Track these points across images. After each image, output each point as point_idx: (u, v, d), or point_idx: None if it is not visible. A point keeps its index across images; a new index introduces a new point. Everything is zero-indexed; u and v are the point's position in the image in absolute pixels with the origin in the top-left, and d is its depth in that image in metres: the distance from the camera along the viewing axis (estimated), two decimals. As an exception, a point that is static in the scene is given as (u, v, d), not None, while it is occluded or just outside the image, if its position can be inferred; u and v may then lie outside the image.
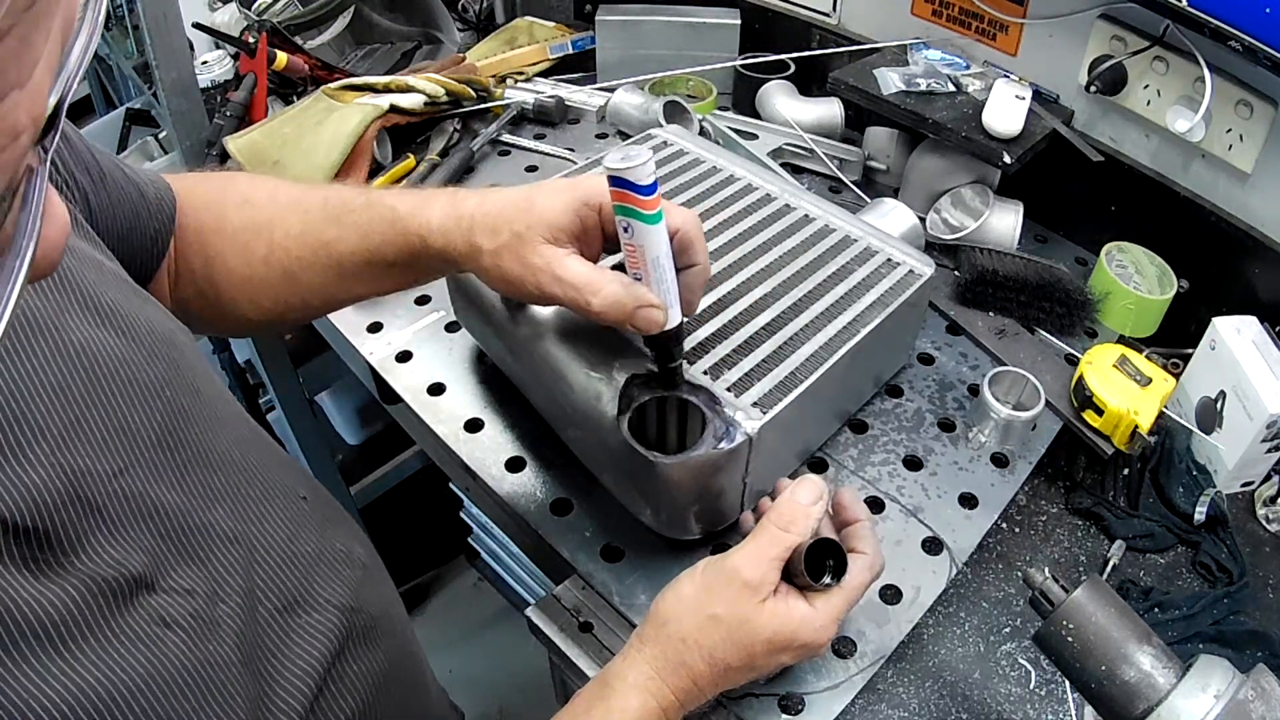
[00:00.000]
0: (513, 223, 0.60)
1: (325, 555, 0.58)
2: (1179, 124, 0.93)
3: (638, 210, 0.59)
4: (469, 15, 1.64)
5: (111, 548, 0.42)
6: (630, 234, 0.61)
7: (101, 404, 0.45)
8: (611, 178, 0.58)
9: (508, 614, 1.96)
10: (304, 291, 0.66)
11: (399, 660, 0.62)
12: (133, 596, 0.42)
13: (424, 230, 0.62)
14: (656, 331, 0.63)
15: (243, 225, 0.66)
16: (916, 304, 0.86)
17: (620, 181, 0.58)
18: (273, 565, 0.53)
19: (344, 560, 0.60)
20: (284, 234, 0.65)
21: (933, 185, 1.12)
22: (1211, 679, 0.54)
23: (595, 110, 1.35)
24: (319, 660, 0.53)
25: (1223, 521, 0.82)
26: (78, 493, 0.41)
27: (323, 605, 0.55)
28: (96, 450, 0.43)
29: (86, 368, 0.45)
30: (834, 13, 1.28)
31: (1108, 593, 0.58)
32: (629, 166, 0.57)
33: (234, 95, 1.24)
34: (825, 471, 0.84)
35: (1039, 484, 0.87)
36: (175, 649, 0.43)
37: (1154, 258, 1.01)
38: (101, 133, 1.57)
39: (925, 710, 0.70)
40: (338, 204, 0.65)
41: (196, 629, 0.45)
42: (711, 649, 0.58)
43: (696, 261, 0.64)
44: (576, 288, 0.60)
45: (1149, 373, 0.85)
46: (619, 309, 0.60)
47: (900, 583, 0.75)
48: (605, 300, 0.60)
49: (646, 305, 0.61)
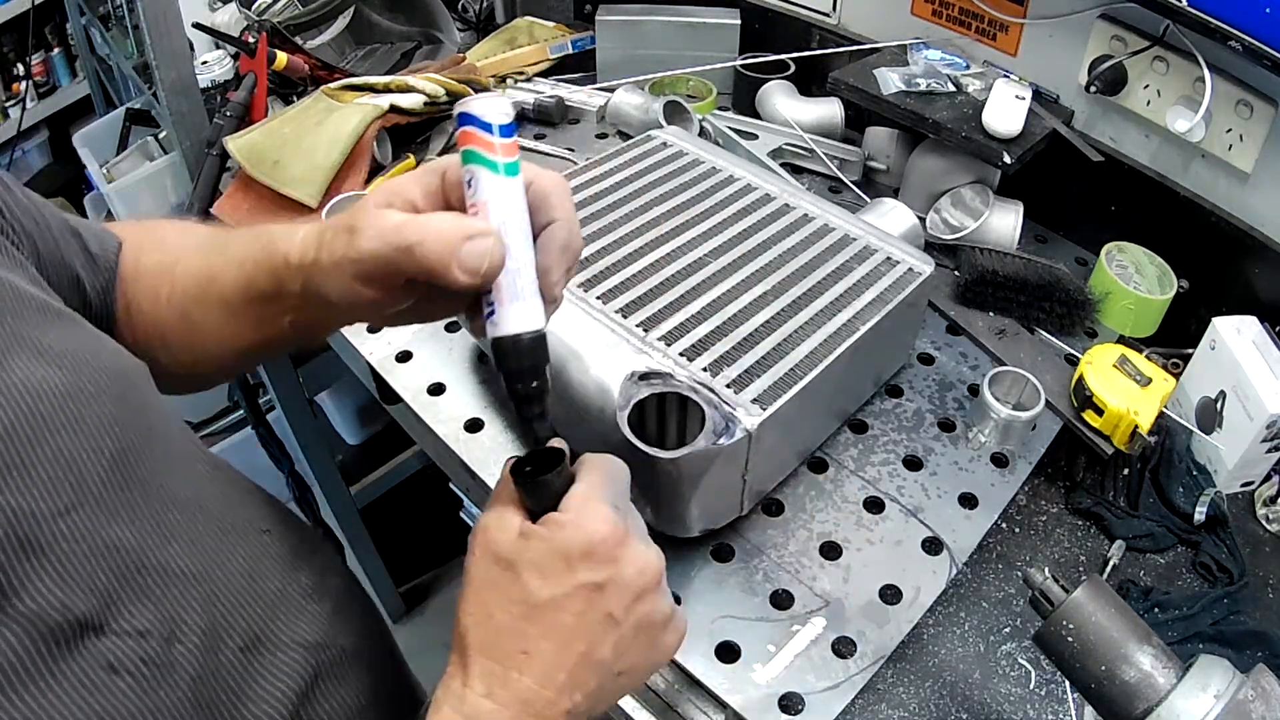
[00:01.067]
0: (355, 210, 0.50)
1: (290, 591, 0.56)
2: (1179, 124, 0.93)
3: (484, 156, 0.46)
4: (469, 15, 1.64)
5: (57, 589, 0.41)
6: (474, 189, 0.47)
7: (46, 442, 0.43)
8: (460, 115, 0.47)
9: (507, 614, 1.96)
10: (202, 336, 0.62)
11: (381, 693, 0.60)
12: (79, 640, 0.41)
13: (288, 246, 0.54)
14: (486, 270, 0.46)
15: (153, 267, 0.63)
16: (916, 303, 0.86)
17: (469, 119, 0.46)
18: (234, 603, 0.51)
19: (312, 594, 0.58)
20: (183, 271, 0.62)
21: (933, 185, 1.12)
22: (1211, 679, 0.54)
23: (595, 110, 1.35)
24: (284, 701, 0.51)
25: (1223, 521, 0.82)
26: (18, 533, 0.40)
27: (287, 644, 0.54)
28: (41, 489, 0.42)
29: (30, 406, 0.43)
30: (834, 13, 1.28)
31: (1108, 593, 0.58)
32: (479, 99, 0.46)
33: (234, 95, 1.24)
34: (825, 471, 0.84)
35: (1039, 484, 0.87)
36: (123, 695, 0.42)
37: (1154, 258, 1.01)
38: (101, 133, 1.57)
39: (925, 710, 0.70)
40: (226, 236, 0.61)
41: (148, 674, 0.43)
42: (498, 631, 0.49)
43: (554, 218, 0.49)
44: (397, 230, 0.46)
45: (1149, 373, 0.85)
46: (441, 241, 0.45)
47: (900, 583, 0.75)
48: (424, 233, 0.46)
49: (477, 234, 0.46)
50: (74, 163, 1.92)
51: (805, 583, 0.75)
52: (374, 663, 0.61)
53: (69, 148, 1.71)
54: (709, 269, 0.84)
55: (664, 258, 0.85)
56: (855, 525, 0.79)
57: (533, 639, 0.48)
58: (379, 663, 0.62)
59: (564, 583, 0.48)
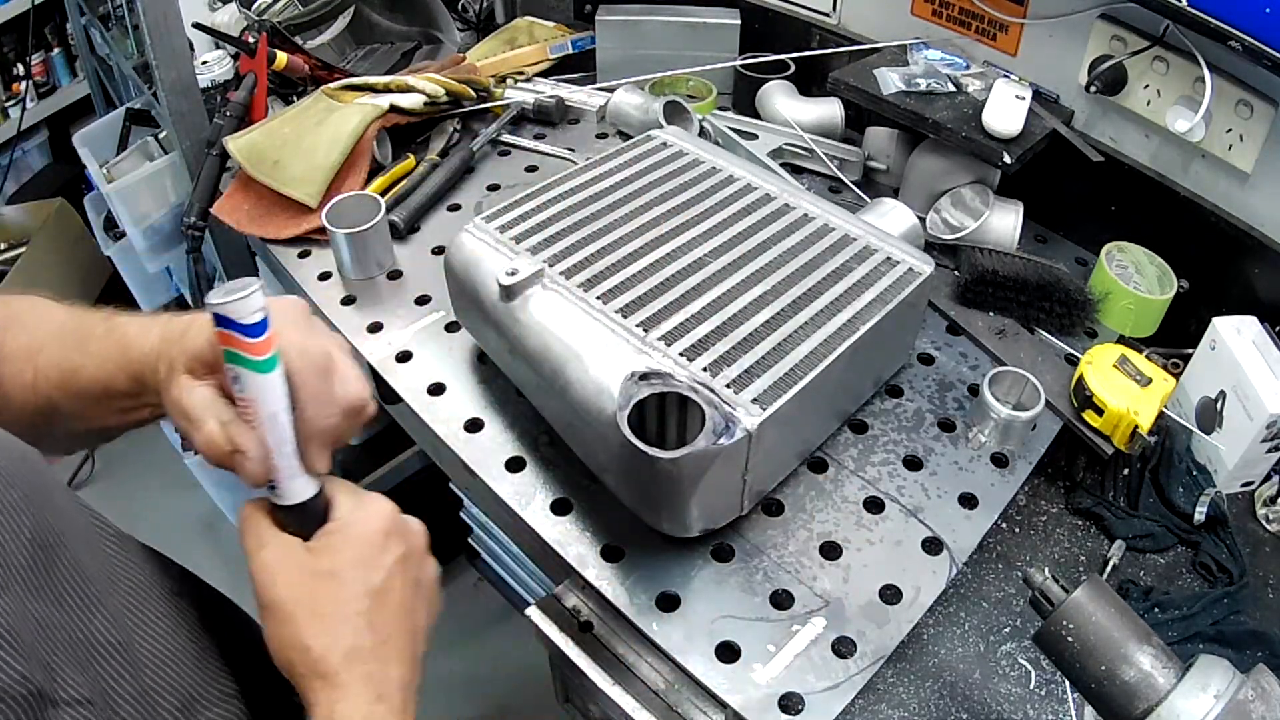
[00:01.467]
0: (170, 353, 0.54)
1: (211, 647, 0.58)
2: (1179, 124, 0.93)
3: (244, 356, 0.49)
4: (469, 15, 1.64)
5: (16, 663, 0.42)
6: (240, 386, 0.50)
7: None
8: (215, 316, 0.48)
9: (508, 614, 1.96)
10: (66, 419, 0.63)
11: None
12: (43, 712, 0.42)
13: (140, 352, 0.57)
14: (255, 483, 0.52)
15: (19, 351, 0.64)
16: (916, 302, 0.86)
17: (223, 320, 0.48)
18: (160, 666, 0.53)
19: (235, 644, 0.60)
20: (46, 360, 0.62)
21: (933, 185, 1.12)
22: (1211, 679, 0.54)
23: (595, 110, 1.35)
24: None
25: (1223, 521, 0.82)
26: None
27: (221, 698, 0.55)
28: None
29: None
30: (834, 13, 1.28)
31: (1108, 593, 0.58)
32: (228, 301, 0.47)
33: (234, 95, 1.24)
34: (825, 471, 0.84)
35: (1039, 484, 0.87)
36: None
37: (1154, 258, 1.01)
38: (101, 133, 1.57)
39: (925, 710, 0.70)
40: (82, 328, 0.62)
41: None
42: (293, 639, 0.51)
43: (302, 401, 0.52)
44: (189, 419, 0.52)
45: (1149, 373, 0.85)
46: (214, 449, 0.51)
47: (900, 583, 0.75)
48: (203, 438, 0.51)
49: (238, 451, 0.51)
50: (74, 163, 1.92)
51: (805, 583, 0.75)
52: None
53: (69, 148, 1.71)
54: (709, 269, 0.84)
55: (664, 258, 0.85)
56: (855, 525, 0.79)
57: (384, 625, 0.52)
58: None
59: (383, 564, 0.53)
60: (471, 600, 2.08)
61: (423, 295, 1.03)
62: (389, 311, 1.01)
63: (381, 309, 1.02)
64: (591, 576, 0.75)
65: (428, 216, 1.16)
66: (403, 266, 1.08)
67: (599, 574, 0.76)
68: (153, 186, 1.39)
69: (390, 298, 1.04)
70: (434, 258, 1.09)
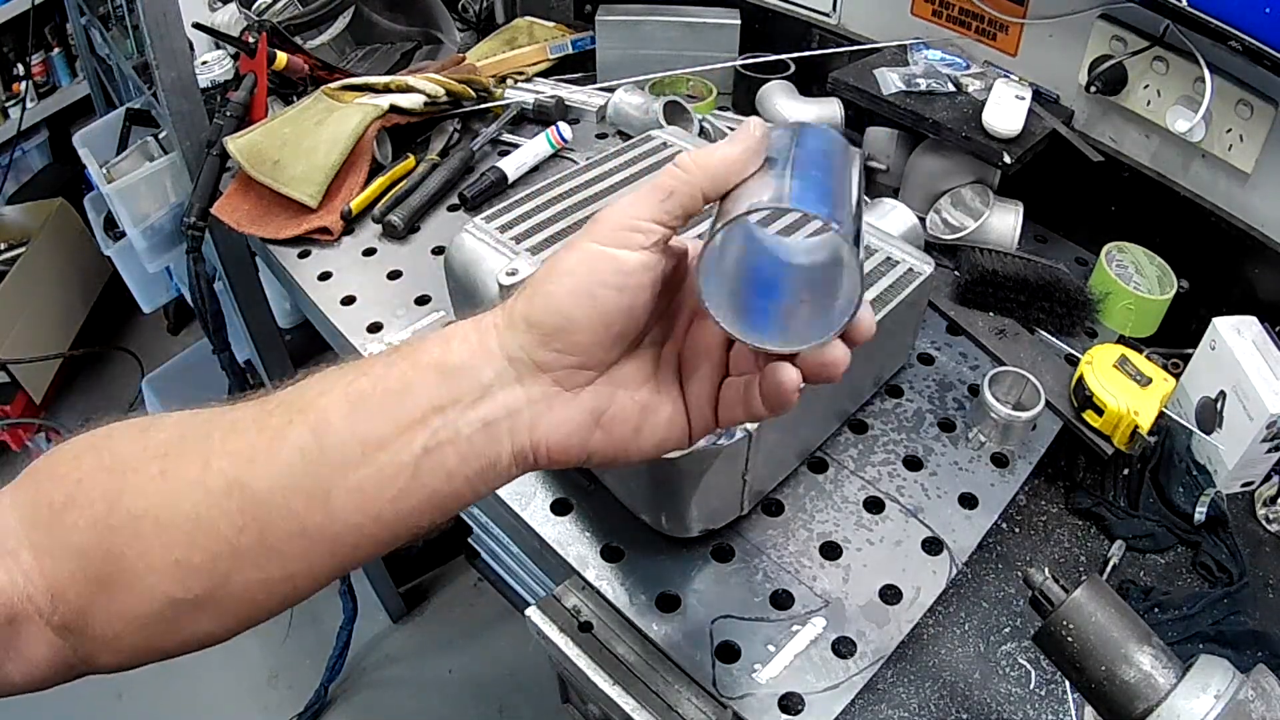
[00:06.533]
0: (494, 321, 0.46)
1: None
2: (1179, 124, 0.93)
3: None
4: (469, 15, 1.64)
5: None
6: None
7: None
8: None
9: (508, 614, 1.96)
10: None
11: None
12: None
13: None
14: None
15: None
16: (916, 302, 0.86)
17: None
18: None
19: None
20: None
21: (933, 185, 1.12)
22: (1211, 679, 0.54)
23: (595, 110, 1.35)
24: None
25: (1223, 521, 0.82)
26: None
27: None
28: None
29: None
30: (834, 13, 1.28)
31: (1108, 593, 0.58)
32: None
33: (234, 95, 1.24)
34: (825, 471, 0.84)
35: (1039, 484, 0.87)
36: None
37: (1154, 258, 1.01)
38: (101, 133, 1.57)
39: (925, 710, 0.70)
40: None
41: None
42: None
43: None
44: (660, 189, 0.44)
45: (1149, 373, 0.85)
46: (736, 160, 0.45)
47: (900, 583, 0.75)
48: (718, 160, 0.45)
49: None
50: (74, 163, 1.92)
51: (805, 583, 0.75)
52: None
53: (69, 148, 1.71)
54: (709, 269, 0.83)
55: (664, 258, 0.85)
56: (855, 525, 0.79)
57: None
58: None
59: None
60: (471, 600, 2.08)
61: (422, 295, 1.03)
62: (388, 311, 1.01)
63: (381, 308, 1.02)
64: (591, 577, 0.75)
65: (428, 216, 1.16)
66: (403, 266, 1.08)
67: (599, 574, 0.76)
68: (153, 186, 1.39)
69: (389, 296, 1.04)
70: (434, 258, 1.09)
